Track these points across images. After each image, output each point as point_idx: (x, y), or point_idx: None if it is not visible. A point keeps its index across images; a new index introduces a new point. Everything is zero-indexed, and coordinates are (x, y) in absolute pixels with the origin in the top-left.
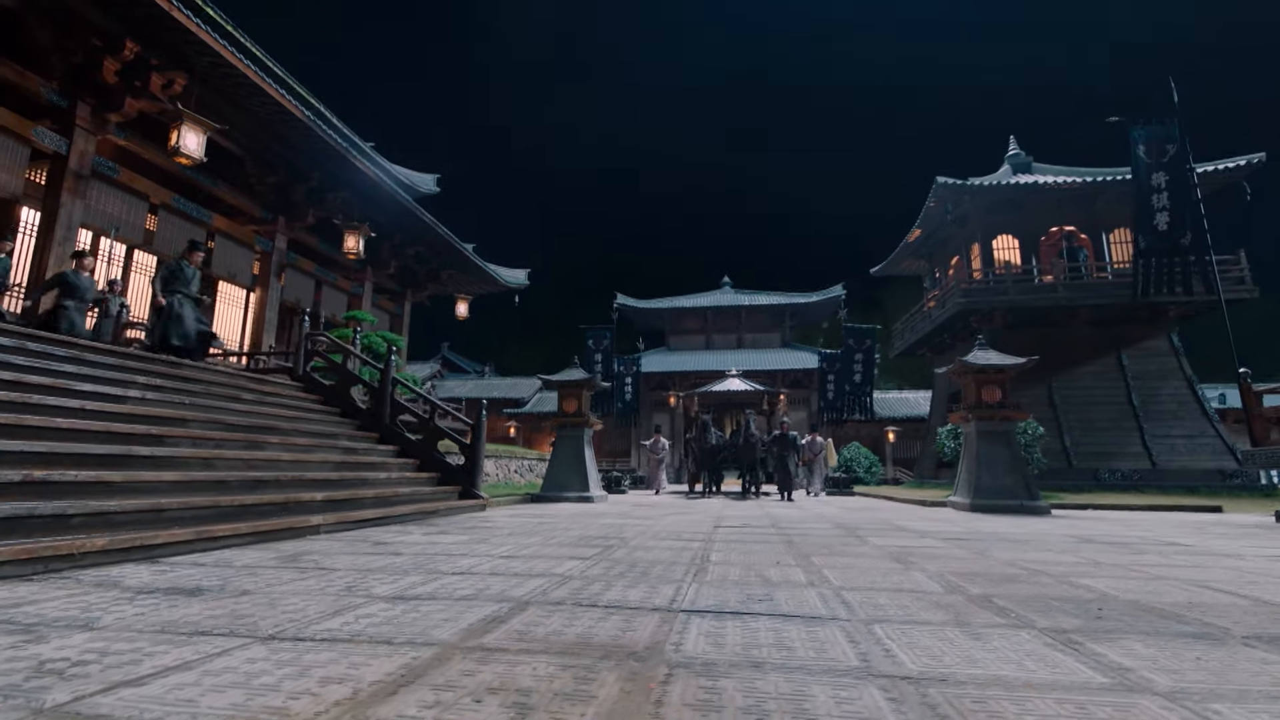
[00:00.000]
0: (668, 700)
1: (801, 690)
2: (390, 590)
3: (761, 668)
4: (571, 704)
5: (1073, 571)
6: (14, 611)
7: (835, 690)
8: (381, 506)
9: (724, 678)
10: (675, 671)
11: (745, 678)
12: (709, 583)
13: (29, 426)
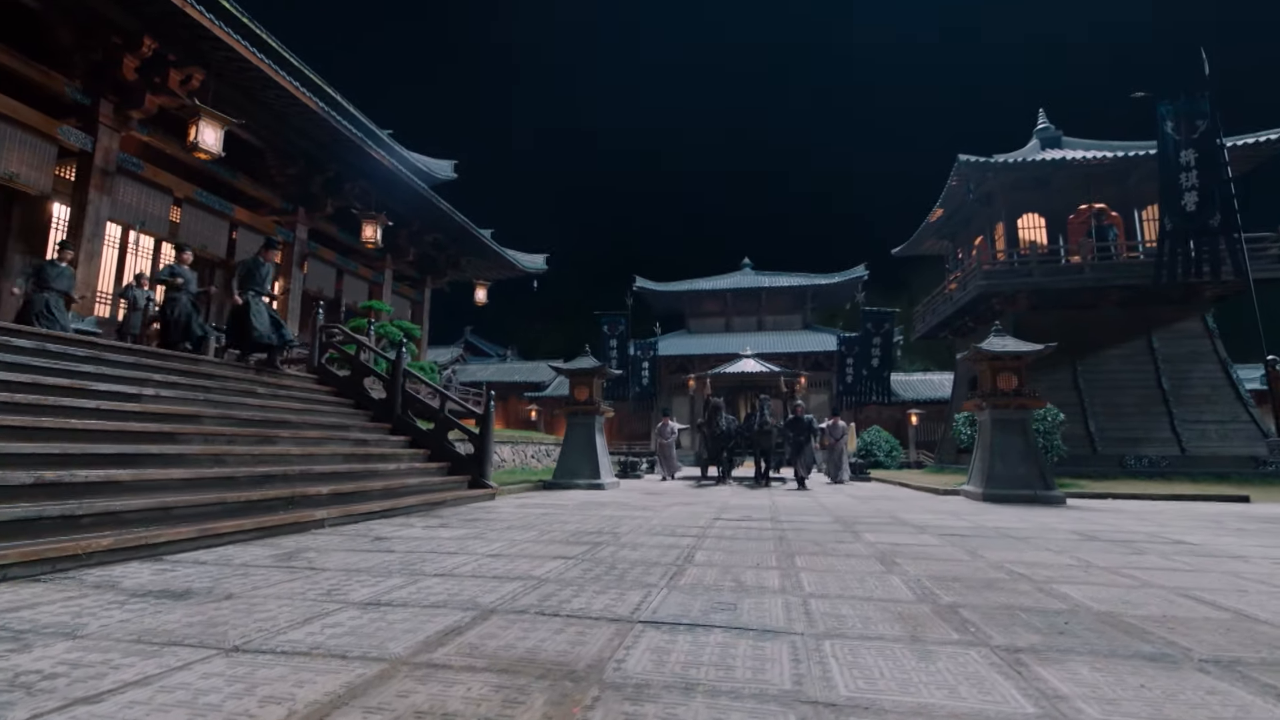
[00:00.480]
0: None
1: (719, 718)
2: (367, 594)
3: (691, 691)
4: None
5: (1058, 576)
6: (10, 617)
7: (751, 719)
8: (389, 498)
9: (650, 702)
10: (605, 694)
11: (670, 702)
12: (681, 587)
13: (44, 429)
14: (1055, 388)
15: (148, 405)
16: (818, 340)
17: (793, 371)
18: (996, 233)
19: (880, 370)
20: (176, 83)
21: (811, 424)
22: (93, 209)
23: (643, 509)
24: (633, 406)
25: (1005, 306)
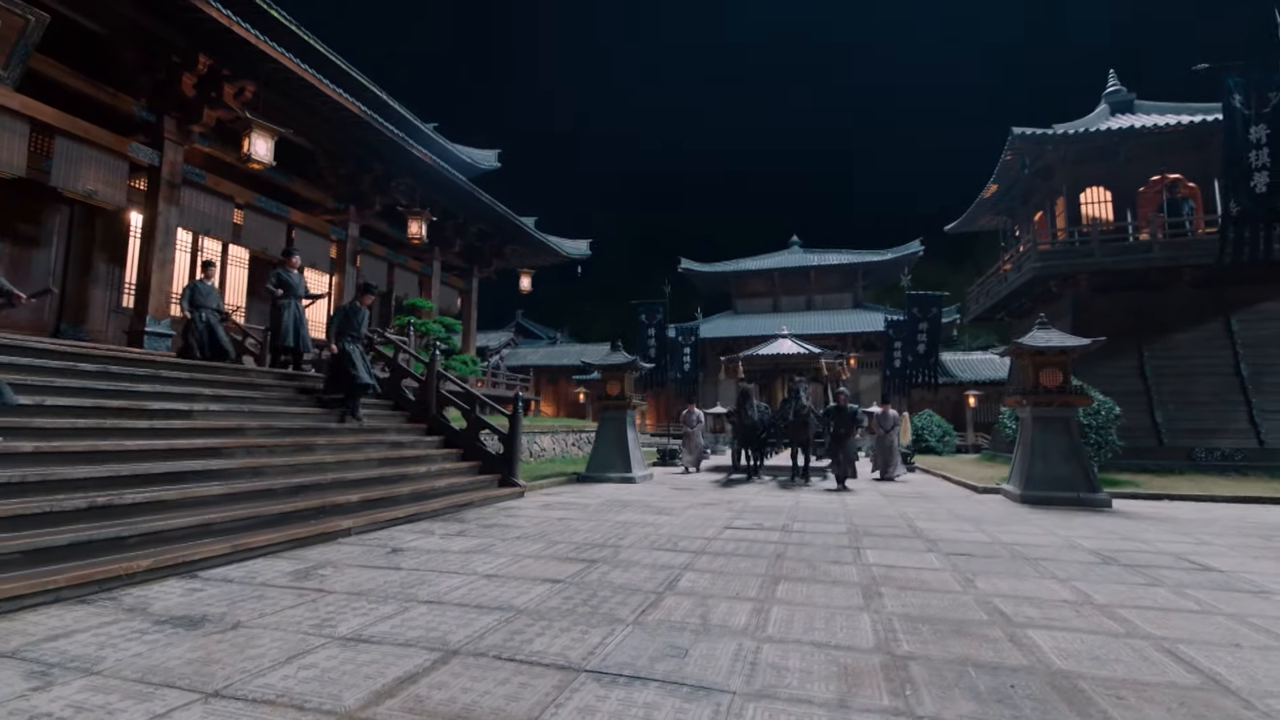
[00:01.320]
0: None
1: None
2: (355, 626)
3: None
4: None
5: (1041, 618)
6: (46, 648)
7: None
8: (417, 502)
9: None
10: None
11: None
12: (646, 625)
13: (101, 451)
14: (1118, 375)
15: (196, 421)
16: (869, 319)
17: (836, 353)
18: (1057, 208)
19: (927, 356)
20: (230, 95)
21: (856, 414)
22: (162, 219)
23: (658, 512)
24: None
25: (1064, 288)
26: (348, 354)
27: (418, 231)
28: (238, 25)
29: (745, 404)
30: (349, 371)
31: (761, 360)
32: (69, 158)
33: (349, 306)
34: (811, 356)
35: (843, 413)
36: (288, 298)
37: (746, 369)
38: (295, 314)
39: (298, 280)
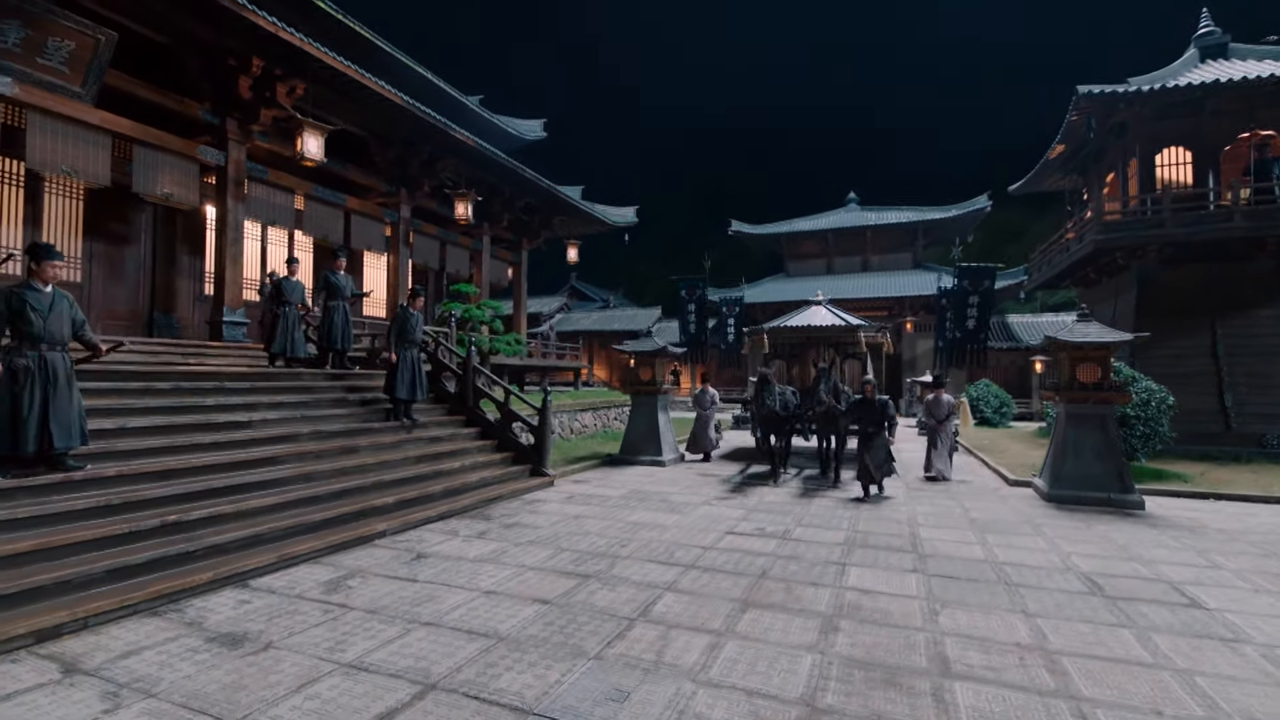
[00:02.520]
0: None
1: None
2: (360, 651)
3: None
4: None
5: (980, 666)
6: (119, 667)
7: None
8: (448, 499)
9: None
10: None
11: None
12: (606, 659)
13: (172, 470)
14: (1185, 354)
15: (255, 431)
16: (929, 281)
17: (876, 324)
18: (1130, 169)
19: (977, 332)
20: (283, 94)
21: (887, 407)
22: (232, 215)
23: (672, 510)
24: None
25: (1130, 260)
26: (399, 364)
27: (464, 213)
28: (283, 30)
29: (764, 391)
30: (391, 384)
31: (790, 332)
32: (146, 164)
33: (402, 314)
34: (848, 329)
35: (869, 406)
36: (335, 300)
37: (773, 342)
38: (342, 316)
39: (344, 282)
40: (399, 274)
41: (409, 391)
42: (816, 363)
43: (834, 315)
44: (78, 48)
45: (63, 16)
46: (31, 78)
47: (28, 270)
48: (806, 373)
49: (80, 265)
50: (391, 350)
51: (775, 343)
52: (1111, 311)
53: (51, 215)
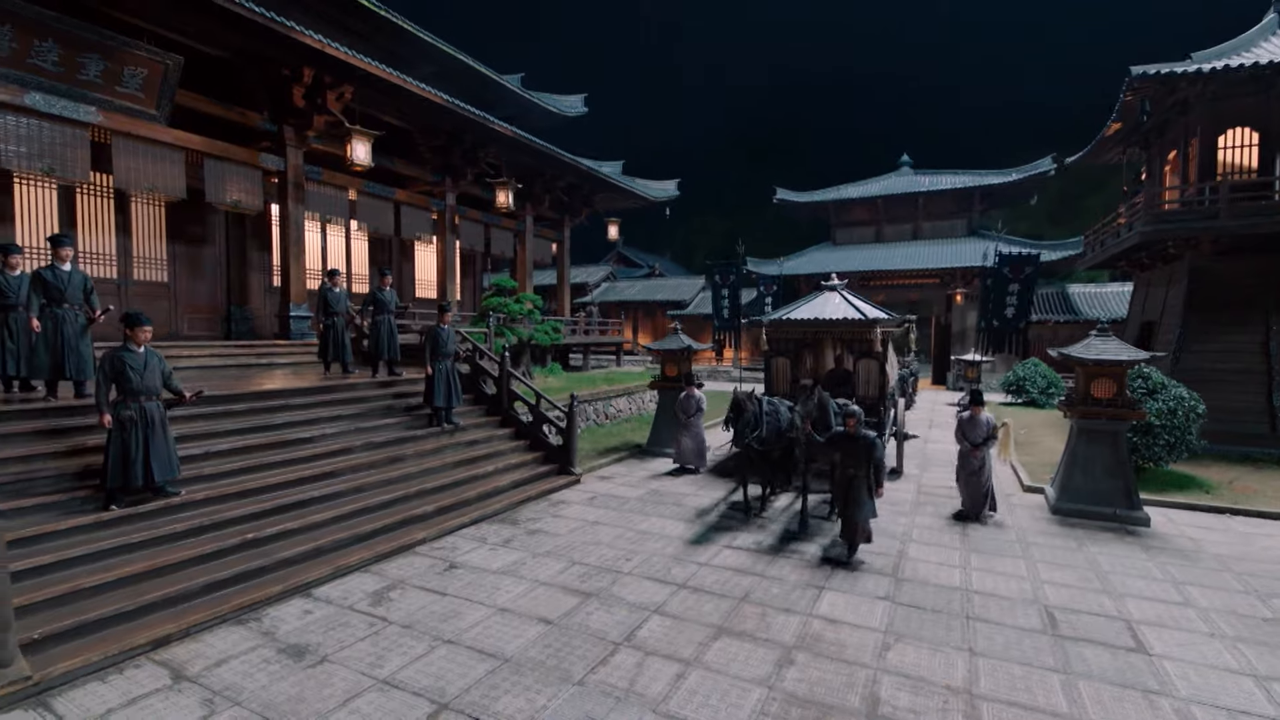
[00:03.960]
0: None
1: None
2: (393, 668)
3: None
4: None
5: (905, 709)
6: (213, 675)
7: None
8: (481, 503)
9: None
10: None
11: None
12: (588, 684)
13: (249, 489)
14: (1234, 350)
15: (317, 447)
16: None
17: (897, 317)
18: (1190, 150)
19: (1016, 320)
20: (333, 100)
21: (874, 448)
22: (293, 215)
23: (684, 519)
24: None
25: (1183, 250)
26: (435, 376)
27: (505, 201)
28: (329, 47)
29: (741, 412)
30: (430, 394)
31: (793, 327)
32: (215, 175)
33: (435, 331)
34: (863, 324)
35: (850, 444)
36: (382, 314)
37: (771, 336)
38: (388, 328)
39: (390, 297)
40: (446, 259)
41: (445, 400)
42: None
43: (848, 304)
44: (150, 74)
45: (136, 46)
46: (113, 105)
47: (124, 335)
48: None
49: (166, 266)
50: (428, 365)
51: (774, 337)
52: (1162, 300)
53: (139, 223)
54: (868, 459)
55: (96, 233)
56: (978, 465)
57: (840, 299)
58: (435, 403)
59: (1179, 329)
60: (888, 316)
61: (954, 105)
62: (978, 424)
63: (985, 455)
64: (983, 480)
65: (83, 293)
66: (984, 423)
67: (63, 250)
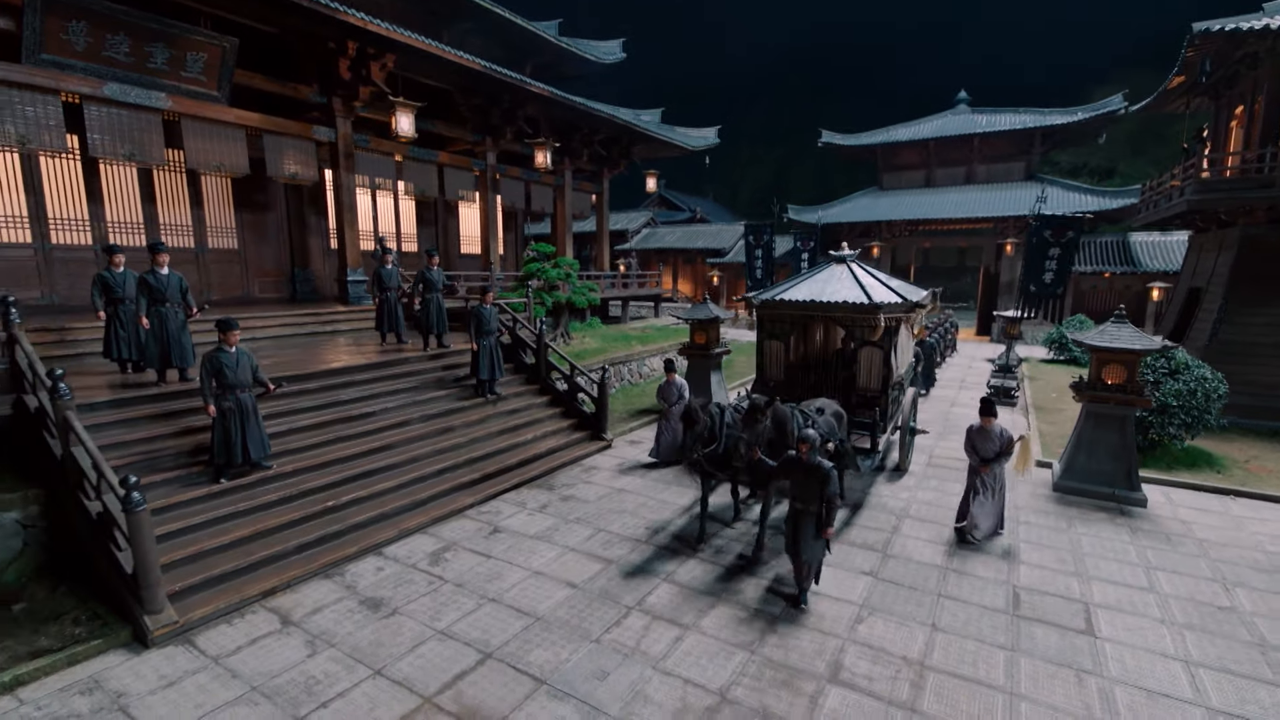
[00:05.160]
0: None
1: None
2: (449, 621)
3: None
4: None
5: (859, 677)
6: (311, 621)
7: None
8: (520, 469)
9: None
10: None
11: None
12: (603, 643)
13: (326, 461)
14: (1274, 325)
15: (378, 420)
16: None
17: (907, 302)
18: (1256, 110)
19: (1053, 286)
20: (376, 71)
21: (828, 481)
22: (345, 183)
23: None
24: None
25: (1236, 217)
26: (480, 351)
27: (543, 161)
28: (371, 24)
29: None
30: (475, 368)
31: (786, 309)
32: (273, 149)
33: (477, 310)
34: (863, 309)
35: (802, 471)
36: (431, 293)
37: (763, 316)
38: (436, 306)
39: (438, 277)
40: (489, 216)
41: (489, 373)
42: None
43: (854, 282)
44: (210, 57)
45: (196, 32)
46: (180, 89)
47: (219, 339)
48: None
49: (235, 234)
50: (473, 342)
51: (765, 316)
52: (1212, 266)
53: (209, 194)
54: (820, 492)
55: (174, 206)
56: (990, 482)
57: (848, 274)
58: (480, 375)
59: (1222, 298)
60: (897, 300)
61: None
62: (990, 435)
63: (999, 472)
64: (994, 501)
65: (180, 292)
66: (997, 435)
67: (160, 256)
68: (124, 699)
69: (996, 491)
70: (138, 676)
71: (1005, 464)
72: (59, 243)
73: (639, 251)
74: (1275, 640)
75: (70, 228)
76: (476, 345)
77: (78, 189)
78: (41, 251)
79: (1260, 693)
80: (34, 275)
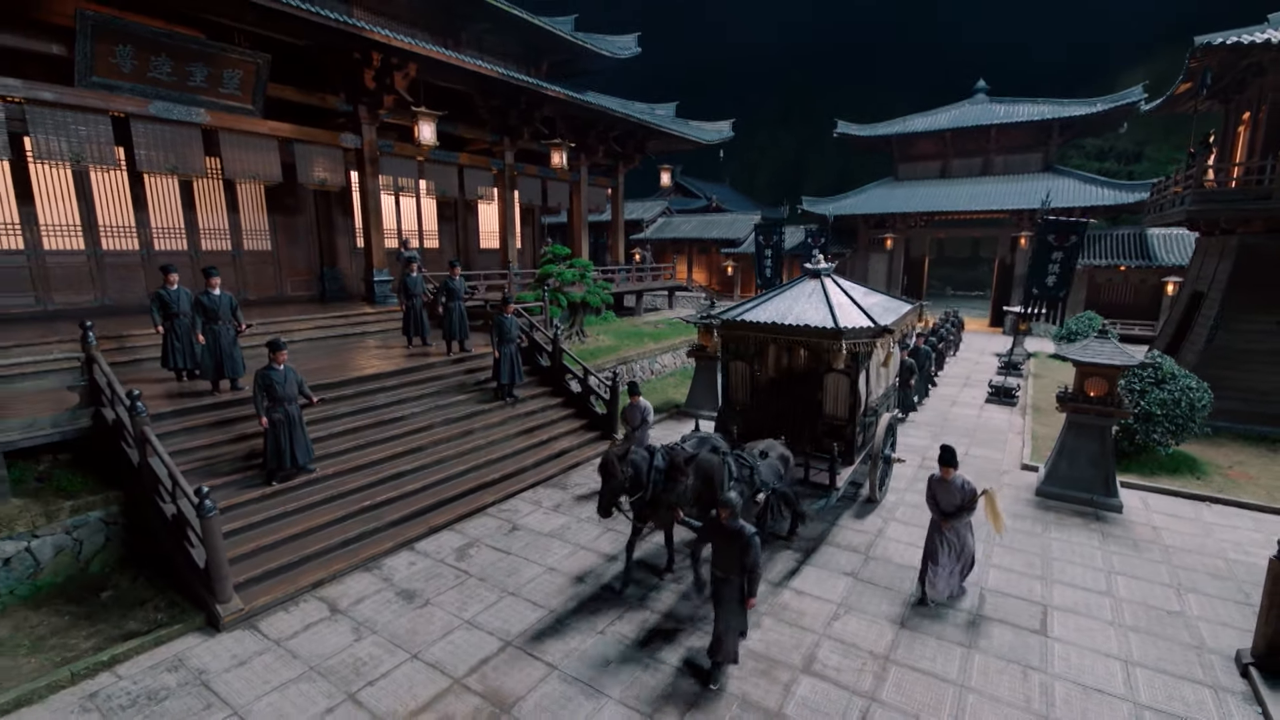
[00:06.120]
0: None
1: None
2: (473, 612)
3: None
4: None
5: (829, 668)
6: (356, 610)
7: None
8: (536, 469)
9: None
10: None
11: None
12: (610, 634)
13: (362, 464)
14: (1269, 332)
15: (406, 425)
16: (1061, 189)
17: (878, 327)
18: (1260, 118)
19: (1055, 289)
20: (400, 80)
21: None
22: (370, 188)
23: None
24: None
25: (1235, 225)
26: (501, 358)
27: (559, 162)
28: (393, 39)
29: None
30: (497, 371)
31: (748, 330)
32: (303, 157)
33: (499, 319)
34: (825, 334)
35: (725, 539)
36: (454, 301)
37: (725, 336)
38: (459, 313)
39: (460, 286)
40: (507, 214)
41: (509, 378)
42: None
43: (823, 304)
44: (245, 74)
45: (232, 50)
46: (218, 105)
47: (270, 357)
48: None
49: (268, 236)
50: (495, 349)
51: (730, 339)
52: (1213, 271)
53: (245, 200)
54: (741, 559)
55: (212, 212)
56: (953, 539)
57: (819, 292)
58: (501, 380)
59: (1219, 304)
60: (866, 325)
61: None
62: (950, 488)
63: (962, 530)
64: (955, 560)
65: (230, 310)
66: (959, 487)
67: (212, 279)
68: (205, 675)
69: (959, 549)
70: (214, 656)
71: (968, 519)
72: (109, 249)
73: (654, 241)
74: (1213, 644)
75: (119, 234)
76: (498, 353)
77: (124, 198)
78: (94, 257)
79: (1186, 691)
80: (88, 280)
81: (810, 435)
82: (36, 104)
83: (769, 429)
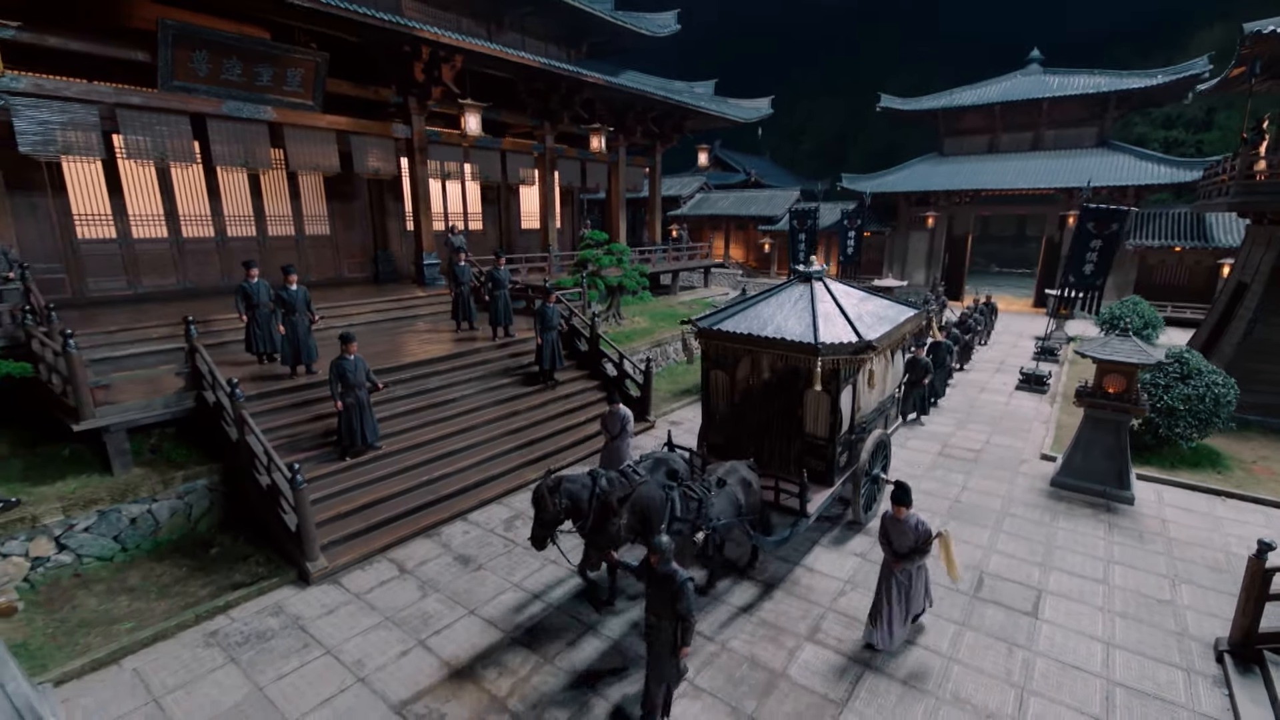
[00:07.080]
0: None
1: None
2: (518, 578)
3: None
4: None
5: (830, 638)
6: (421, 570)
7: None
8: (573, 448)
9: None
10: None
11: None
12: (603, 632)
13: (420, 442)
14: None
15: (456, 406)
16: (1115, 166)
17: (853, 342)
18: None
19: (1092, 278)
20: (447, 72)
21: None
22: (419, 175)
23: None
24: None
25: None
26: (543, 344)
27: (598, 146)
28: (441, 36)
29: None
30: (539, 357)
31: (726, 339)
32: (358, 148)
33: (542, 308)
34: (803, 349)
35: (656, 584)
36: (499, 290)
37: (702, 344)
38: (504, 301)
39: (504, 276)
40: (547, 196)
41: (550, 363)
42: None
43: (808, 313)
44: (305, 72)
45: (294, 50)
46: (282, 102)
47: (342, 349)
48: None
49: (327, 221)
50: (538, 336)
51: (710, 347)
52: (1258, 262)
53: (306, 188)
54: (672, 608)
55: (276, 199)
56: (904, 581)
57: (807, 299)
58: (543, 365)
59: (1259, 297)
60: (848, 340)
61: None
62: (904, 528)
63: (915, 573)
64: (904, 606)
65: (305, 304)
66: (912, 527)
67: (290, 277)
68: (300, 620)
69: (911, 593)
70: (307, 605)
71: (921, 562)
72: (188, 236)
73: (690, 218)
74: (1196, 631)
75: (196, 222)
76: (540, 339)
77: (201, 189)
78: (175, 244)
79: (1160, 672)
80: (170, 265)
81: (788, 454)
82: (125, 107)
83: (746, 444)
